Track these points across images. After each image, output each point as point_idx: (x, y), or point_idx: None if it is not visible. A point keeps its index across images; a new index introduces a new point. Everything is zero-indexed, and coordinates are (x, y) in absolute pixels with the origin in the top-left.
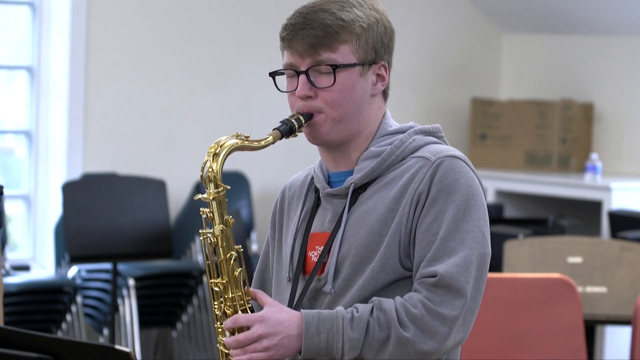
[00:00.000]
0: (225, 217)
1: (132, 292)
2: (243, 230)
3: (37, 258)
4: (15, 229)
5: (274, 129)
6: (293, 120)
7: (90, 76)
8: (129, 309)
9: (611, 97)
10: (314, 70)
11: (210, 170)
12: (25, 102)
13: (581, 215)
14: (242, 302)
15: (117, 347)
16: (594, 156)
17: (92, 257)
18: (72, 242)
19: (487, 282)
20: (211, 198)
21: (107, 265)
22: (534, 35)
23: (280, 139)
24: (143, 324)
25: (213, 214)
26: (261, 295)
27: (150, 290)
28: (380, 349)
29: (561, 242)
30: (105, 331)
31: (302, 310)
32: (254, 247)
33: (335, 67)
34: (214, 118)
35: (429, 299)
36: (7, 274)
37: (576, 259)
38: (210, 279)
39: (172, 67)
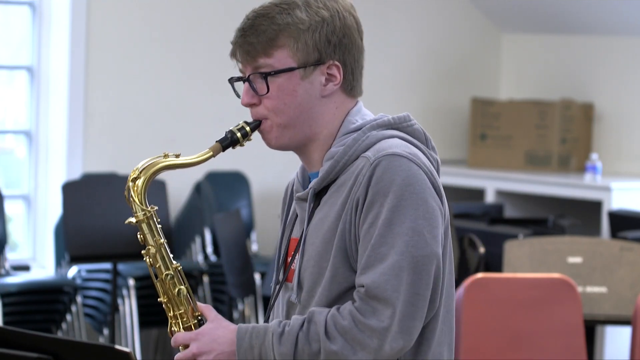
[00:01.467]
0: (156, 237)
1: (132, 292)
2: (243, 230)
3: (37, 258)
4: (15, 229)
5: (216, 141)
6: (237, 131)
7: (90, 76)
8: (129, 309)
9: (611, 97)
10: (255, 77)
11: (132, 194)
12: (25, 102)
13: (581, 215)
14: (185, 318)
15: (117, 347)
16: (594, 156)
17: (92, 257)
18: (72, 242)
19: (487, 282)
20: (135, 222)
21: (107, 265)
22: (534, 35)
23: (223, 151)
24: (143, 324)
25: (144, 236)
26: (207, 310)
27: (150, 290)
28: None
29: (561, 242)
30: (105, 331)
31: (238, 325)
32: (254, 247)
33: (266, 75)
34: (214, 118)
35: (359, 309)
36: (7, 274)
37: (576, 259)
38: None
39: (172, 67)
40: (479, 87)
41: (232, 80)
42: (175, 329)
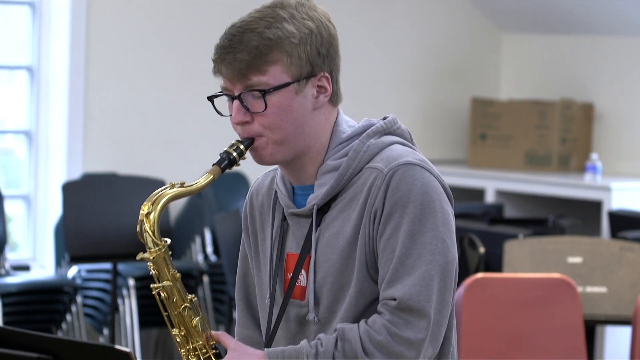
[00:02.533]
0: (171, 271)
1: (132, 292)
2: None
3: (37, 258)
4: (15, 229)
5: (213, 165)
6: (232, 151)
7: (90, 76)
8: (129, 309)
9: (611, 97)
10: (247, 94)
11: (145, 228)
12: (25, 102)
13: (581, 215)
14: (204, 350)
15: (117, 347)
16: (594, 156)
17: (92, 257)
18: (72, 242)
19: (487, 282)
20: (152, 257)
21: (107, 265)
22: (534, 35)
23: (222, 173)
24: (143, 324)
25: (159, 271)
26: (225, 338)
27: (150, 290)
28: None
29: (561, 242)
30: (105, 331)
31: (265, 349)
32: None
33: (264, 92)
34: (214, 118)
35: (392, 322)
36: (7, 274)
37: (576, 259)
38: (172, 328)
39: (172, 67)
40: (479, 87)
41: (211, 98)
42: None
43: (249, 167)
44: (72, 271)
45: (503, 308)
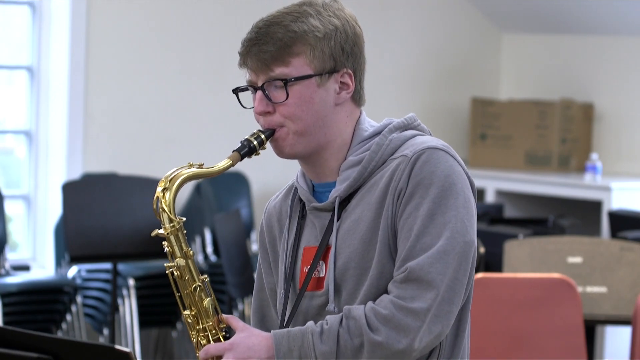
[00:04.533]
0: (185, 249)
1: (132, 292)
2: (243, 230)
3: (37, 258)
4: (15, 229)
5: (233, 151)
6: (253, 139)
7: (90, 76)
8: (129, 309)
9: (611, 97)
10: (270, 85)
11: (162, 205)
12: (25, 102)
13: (581, 215)
14: (214, 330)
15: (117, 347)
16: (594, 156)
17: (92, 257)
18: (72, 242)
19: (487, 282)
20: (167, 233)
21: (107, 265)
22: (534, 35)
23: (241, 160)
24: (143, 324)
25: (172, 248)
26: (233, 320)
27: (150, 290)
28: (355, 357)
29: (561, 242)
30: (105, 331)
31: (272, 331)
32: (254, 247)
33: (286, 82)
34: (214, 118)
35: (398, 296)
36: (7, 274)
37: (576, 259)
38: (183, 310)
39: (172, 67)
40: (479, 87)
41: (237, 91)
42: (204, 342)
43: (250, 168)
44: (72, 271)
45: (503, 308)
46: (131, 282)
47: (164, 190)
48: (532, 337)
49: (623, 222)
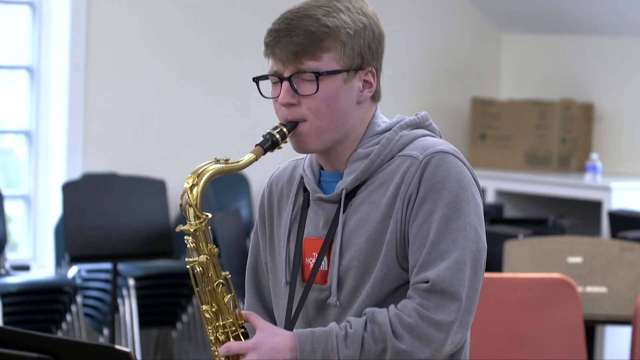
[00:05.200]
0: (209, 246)
1: (132, 292)
2: (243, 230)
3: (37, 258)
4: (15, 229)
5: (256, 145)
6: (275, 133)
7: (90, 76)
8: (129, 309)
9: (611, 97)
10: (297, 77)
11: (189, 200)
12: (25, 102)
13: (581, 215)
14: (233, 327)
15: (117, 347)
16: (594, 156)
17: (92, 257)
18: (72, 242)
19: (487, 282)
20: (192, 230)
21: (107, 265)
22: (534, 35)
23: (264, 154)
24: (143, 324)
25: (197, 244)
26: (253, 318)
27: (150, 290)
28: None
29: (561, 242)
30: (105, 331)
31: (295, 330)
32: None
33: (318, 75)
34: (214, 118)
35: (422, 305)
36: (7, 274)
37: (576, 259)
38: (202, 304)
39: (172, 67)
40: (479, 87)
41: (257, 79)
42: (222, 338)
43: (250, 167)
44: (72, 271)
45: (503, 308)
46: (131, 282)
47: (192, 186)
48: (532, 337)
49: (623, 222)
